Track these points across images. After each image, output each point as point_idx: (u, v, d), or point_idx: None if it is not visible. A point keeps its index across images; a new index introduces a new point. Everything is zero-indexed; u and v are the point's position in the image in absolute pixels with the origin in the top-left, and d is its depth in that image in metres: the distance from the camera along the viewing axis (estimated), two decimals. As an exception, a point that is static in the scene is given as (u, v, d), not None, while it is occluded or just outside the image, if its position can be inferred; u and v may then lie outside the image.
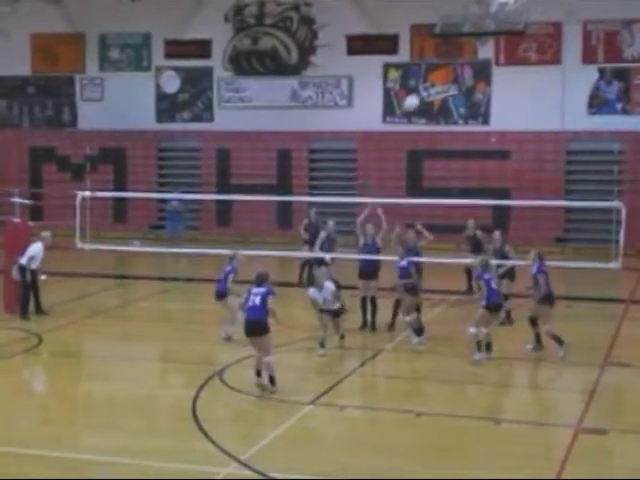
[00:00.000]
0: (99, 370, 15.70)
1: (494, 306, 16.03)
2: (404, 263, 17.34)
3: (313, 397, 13.64)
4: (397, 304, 17.81)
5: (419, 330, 17.04)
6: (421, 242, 19.14)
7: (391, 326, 17.96)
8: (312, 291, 16.16)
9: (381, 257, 18.73)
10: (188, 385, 14.35)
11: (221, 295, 17.21)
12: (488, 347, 15.98)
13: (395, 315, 17.91)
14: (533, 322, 16.35)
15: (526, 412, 13.59)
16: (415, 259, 18.15)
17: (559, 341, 15.87)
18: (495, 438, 12.37)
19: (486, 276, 16.10)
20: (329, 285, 16.06)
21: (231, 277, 17.10)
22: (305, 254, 22.15)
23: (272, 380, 13.70)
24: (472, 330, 15.87)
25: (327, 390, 14.10)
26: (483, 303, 15.96)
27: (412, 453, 11.73)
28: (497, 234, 19.58)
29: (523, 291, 16.94)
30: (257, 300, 13.69)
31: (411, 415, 12.99)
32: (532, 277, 16.30)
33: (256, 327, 13.69)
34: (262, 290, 13.80)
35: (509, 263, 18.58)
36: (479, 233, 21.37)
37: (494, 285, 16.12)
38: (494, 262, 18.02)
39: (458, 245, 23.89)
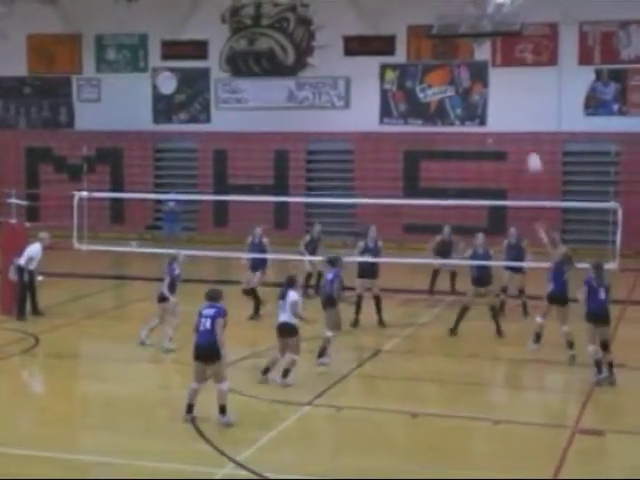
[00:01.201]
0: (96, 371, 15.70)
1: (554, 298, 16.06)
2: (330, 275, 16.11)
3: (310, 398, 13.64)
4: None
5: (323, 350, 15.50)
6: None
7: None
8: (294, 294, 14.43)
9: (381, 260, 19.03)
10: (185, 386, 14.31)
11: (163, 298, 16.87)
12: (571, 345, 15.77)
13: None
14: (604, 346, 14.86)
15: (523, 412, 13.60)
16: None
17: (598, 367, 14.70)
18: (492, 438, 12.39)
19: (564, 269, 16.09)
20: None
21: (167, 280, 16.91)
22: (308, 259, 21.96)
23: (223, 409, 12.49)
24: (539, 320, 16.02)
25: (324, 391, 14.10)
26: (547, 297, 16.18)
27: (409, 453, 11.74)
28: (512, 230, 19.87)
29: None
30: (208, 324, 12.56)
31: (407, 416, 13.00)
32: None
33: (209, 352, 12.52)
34: (212, 312, 12.67)
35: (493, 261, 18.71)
36: (454, 238, 21.57)
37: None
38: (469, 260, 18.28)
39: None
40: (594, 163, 29.77)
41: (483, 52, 29.46)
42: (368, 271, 18.86)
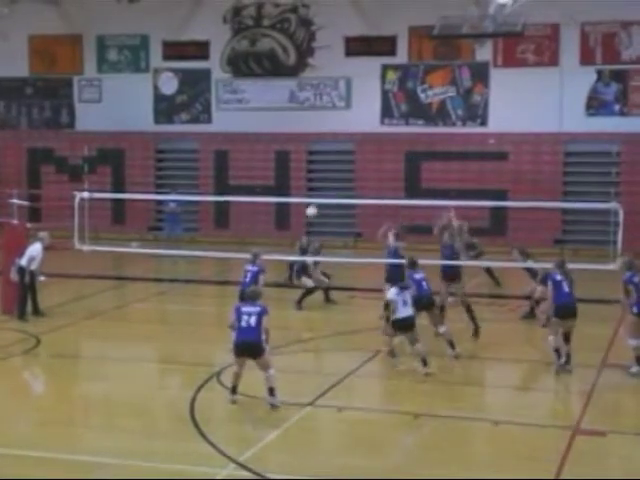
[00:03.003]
0: (97, 371, 15.70)
1: None
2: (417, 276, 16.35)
3: (311, 398, 13.64)
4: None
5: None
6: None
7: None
8: (394, 291, 15.24)
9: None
10: (186, 386, 14.35)
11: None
12: None
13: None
14: (567, 338, 15.23)
15: (524, 413, 13.59)
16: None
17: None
18: (493, 439, 12.38)
19: (637, 279, 15.15)
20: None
21: (262, 278, 16.92)
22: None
23: (272, 391, 13.07)
24: (633, 342, 15.09)
25: (325, 391, 14.10)
26: (635, 310, 15.10)
27: (410, 454, 11.75)
28: (515, 252, 19.74)
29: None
30: (252, 320, 12.91)
31: (409, 416, 13.00)
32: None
33: (253, 348, 12.96)
34: (257, 309, 13.04)
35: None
36: (475, 240, 21.85)
37: None
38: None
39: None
40: (595, 164, 29.76)
41: (484, 53, 29.45)
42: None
